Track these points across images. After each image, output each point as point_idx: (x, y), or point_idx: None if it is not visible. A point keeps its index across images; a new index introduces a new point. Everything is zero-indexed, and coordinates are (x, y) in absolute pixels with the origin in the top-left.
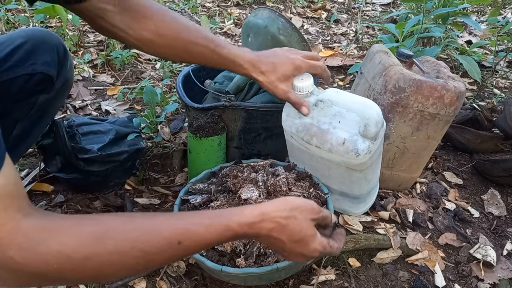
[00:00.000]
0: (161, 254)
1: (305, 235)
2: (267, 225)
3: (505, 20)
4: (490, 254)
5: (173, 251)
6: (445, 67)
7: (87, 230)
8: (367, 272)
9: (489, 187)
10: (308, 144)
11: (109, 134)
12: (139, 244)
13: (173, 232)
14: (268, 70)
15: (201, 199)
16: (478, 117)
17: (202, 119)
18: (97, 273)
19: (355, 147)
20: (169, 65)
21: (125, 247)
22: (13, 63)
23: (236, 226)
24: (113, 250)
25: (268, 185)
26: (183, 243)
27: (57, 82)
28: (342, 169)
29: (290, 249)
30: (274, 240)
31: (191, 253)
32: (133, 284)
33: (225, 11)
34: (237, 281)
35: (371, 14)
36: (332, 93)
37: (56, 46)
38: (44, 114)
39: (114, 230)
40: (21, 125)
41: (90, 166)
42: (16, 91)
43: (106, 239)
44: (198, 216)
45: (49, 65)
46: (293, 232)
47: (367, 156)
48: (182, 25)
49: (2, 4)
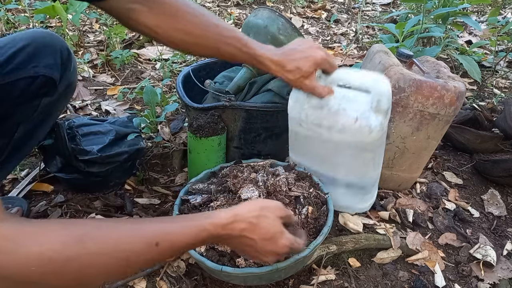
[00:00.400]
0: (140, 256)
1: (275, 232)
2: (239, 225)
3: (505, 20)
4: (490, 254)
5: (151, 253)
6: (445, 67)
7: (67, 233)
8: (367, 272)
9: (489, 187)
10: (319, 127)
11: (109, 134)
12: (119, 245)
13: (151, 234)
14: (293, 69)
15: (201, 199)
16: (478, 117)
17: (202, 119)
18: (79, 275)
19: (368, 123)
20: (169, 65)
21: (106, 248)
22: (15, 65)
23: (210, 227)
24: (94, 251)
25: (268, 185)
26: (160, 244)
27: (60, 85)
28: (352, 151)
29: (261, 248)
30: (246, 240)
31: (169, 256)
32: (133, 284)
33: (225, 11)
34: (237, 281)
35: (371, 14)
36: (343, 72)
37: (59, 49)
38: (46, 117)
39: (94, 232)
40: (23, 127)
41: (90, 167)
42: (18, 94)
43: (87, 240)
44: (175, 219)
45: (52, 68)
46: (264, 230)
47: (380, 133)
48: (210, 22)
49: (2, 4)
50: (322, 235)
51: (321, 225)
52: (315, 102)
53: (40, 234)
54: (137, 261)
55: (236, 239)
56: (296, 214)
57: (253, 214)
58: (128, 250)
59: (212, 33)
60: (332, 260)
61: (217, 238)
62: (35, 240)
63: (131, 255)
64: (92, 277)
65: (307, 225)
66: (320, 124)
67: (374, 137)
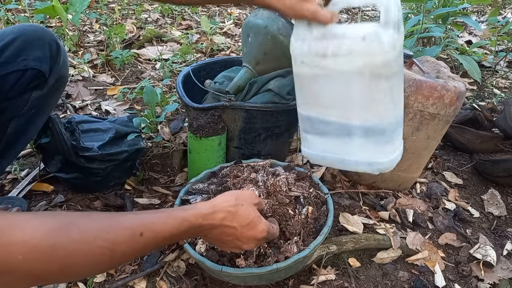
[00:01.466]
0: (124, 245)
1: (254, 217)
2: (219, 215)
3: (505, 20)
4: (490, 254)
5: (136, 243)
6: (445, 67)
7: (52, 221)
8: (367, 272)
9: (489, 187)
10: (324, 58)
11: (109, 132)
12: (103, 233)
13: (135, 223)
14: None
15: (201, 199)
16: (478, 117)
17: (202, 119)
18: (65, 263)
19: (377, 39)
20: (169, 65)
21: (90, 236)
22: (4, 59)
23: (192, 218)
24: (79, 239)
25: (268, 185)
26: (144, 234)
27: (50, 78)
28: (365, 81)
29: (242, 234)
30: (227, 229)
31: (153, 247)
32: (133, 284)
33: (225, 11)
34: (237, 281)
35: (371, 14)
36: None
37: (48, 42)
38: (38, 112)
39: (79, 221)
40: (15, 123)
41: (90, 163)
42: (8, 88)
43: (71, 228)
44: (158, 211)
45: (41, 61)
46: (242, 217)
47: (393, 53)
48: None
49: (2, 4)
50: (322, 235)
51: (321, 225)
52: (318, 33)
53: (24, 223)
54: (122, 250)
55: (217, 229)
56: (296, 214)
57: (230, 204)
58: (113, 239)
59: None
60: (332, 260)
61: (199, 228)
62: (18, 228)
63: (116, 244)
64: (78, 267)
65: (307, 225)
66: (325, 54)
67: (387, 57)
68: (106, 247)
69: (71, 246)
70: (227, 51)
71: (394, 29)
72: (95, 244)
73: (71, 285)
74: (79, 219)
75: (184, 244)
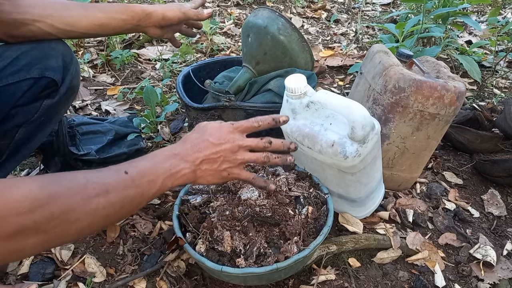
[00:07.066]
0: (115, 184)
1: (222, 124)
2: (191, 134)
3: (505, 20)
4: (490, 254)
5: (124, 180)
6: (445, 67)
7: (40, 178)
8: (367, 272)
9: (489, 187)
10: (301, 144)
11: (108, 134)
12: (92, 178)
13: (117, 167)
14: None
15: (201, 199)
16: (478, 117)
17: (202, 119)
18: (64, 209)
19: (343, 150)
20: (169, 65)
21: (80, 182)
22: (19, 67)
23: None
24: (70, 185)
25: None
26: (129, 171)
27: (62, 88)
28: (335, 171)
29: (220, 147)
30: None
31: (145, 186)
32: (133, 284)
33: (225, 11)
34: (237, 281)
35: (371, 14)
36: (321, 95)
37: (62, 52)
38: (48, 120)
39: (65, 174)
40: (24, 129)
41: (88, 166)
42: (20, 95)
43: (60, 179)
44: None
45: (54, 70)
46: (213, 130)
47: (356, 160)
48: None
49: None
50: (322, 235)
51: (321, 225)
52: (300, 120)
53: (17, 182)
54: (114, 189)
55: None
56: (296, 214)
57: (198, 132)
58: (102, 181)
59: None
60: (332, 260)
61: (183, 155)
62: (14, 187)
63: (107, 184)
64: (79, 211)
65: (307, 225)
66: (302, 142)
67: (350, 163)
68: (98, 189)
69: (65, 192)
70: (227, 51)
71: (358, 143)
72: (88, 187)
73: (71, 286)
74: (66, 174)
75: (184, 244)
